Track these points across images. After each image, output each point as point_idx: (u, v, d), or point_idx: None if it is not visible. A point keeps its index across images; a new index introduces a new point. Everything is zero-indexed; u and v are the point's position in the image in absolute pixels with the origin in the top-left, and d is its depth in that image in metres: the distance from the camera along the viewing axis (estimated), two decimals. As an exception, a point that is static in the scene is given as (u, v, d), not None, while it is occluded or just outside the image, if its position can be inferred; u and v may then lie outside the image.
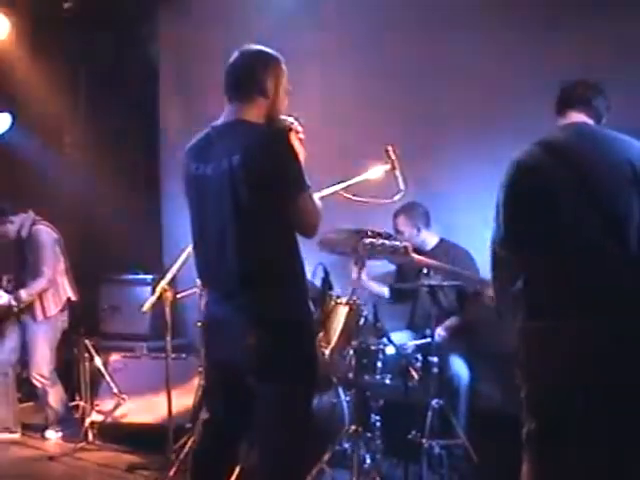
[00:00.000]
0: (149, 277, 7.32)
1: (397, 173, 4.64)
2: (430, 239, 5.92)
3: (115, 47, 7.98)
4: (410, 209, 5.83)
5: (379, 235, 4.27)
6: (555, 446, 3.34)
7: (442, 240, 5.94)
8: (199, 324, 5.16)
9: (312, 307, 3.62)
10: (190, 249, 3.78)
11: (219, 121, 3.59)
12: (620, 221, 3.29)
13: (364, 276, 5.46)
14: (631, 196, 3.32)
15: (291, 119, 3.65)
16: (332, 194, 4.53)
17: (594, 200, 3.31)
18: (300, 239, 3.52)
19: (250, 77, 3.56)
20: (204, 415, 3.69)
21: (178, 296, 5.57)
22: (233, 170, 3.37)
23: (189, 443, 5.38)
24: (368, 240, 4.16)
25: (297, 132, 3.63)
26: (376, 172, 4.64)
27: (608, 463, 3.25)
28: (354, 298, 4.91)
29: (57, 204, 7.35)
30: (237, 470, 4.23)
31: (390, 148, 4.70)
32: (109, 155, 7.76)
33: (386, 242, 4.10)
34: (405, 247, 4.03)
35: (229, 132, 3.50)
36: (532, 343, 3.39)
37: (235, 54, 3.64)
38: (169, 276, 5.32)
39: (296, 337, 3.46)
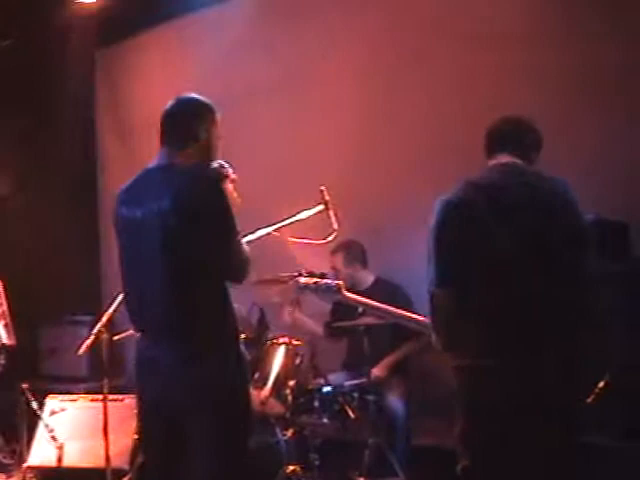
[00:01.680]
0: (87, 318, 7.26)
1: (330, 213, 4.69)
2: (366, 277, 5.96)
3: (50, 87, 7.92)
4: (348, 247, 5.88)
5: (313, 275, 4.29)
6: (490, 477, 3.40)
7: (378, 278, 5.98)
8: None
9: (248, 347, 3.64)
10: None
11: (152, 164, 3.63)
12: (551, 256, 3.37)
13: (298, 314, 5.49)
14: (559, 230, 3.40)
15: (224, 164, 3.70)
16: (266, 235, 4.58)
17: (525, 236, 3.37)
18: None
19: (184, 125, 3.63)
20: (139, 458, 3.67)
21: (115, 338, 5.54)
22: (162, 214, 3.39)
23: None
24: (302, 280, 4.17)
25: (230, 177, 3.68)
26: (309, 213, 4.69)
27: None
28: (290, 338, 4.93)
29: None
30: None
31: (324, 188, 4.75)
32: (46, 196, 7.71)
33: (319, 281, 4.12)
34: (338, 285, 4.05)
35: (161, 176, 3.53)
36: (469, 380, 3.43)
37: (171, 101, 3.70)
38: (105, 318, 5.29)
39: (229, 375, 3.47)
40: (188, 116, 3.65)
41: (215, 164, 3.69)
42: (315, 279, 4.03)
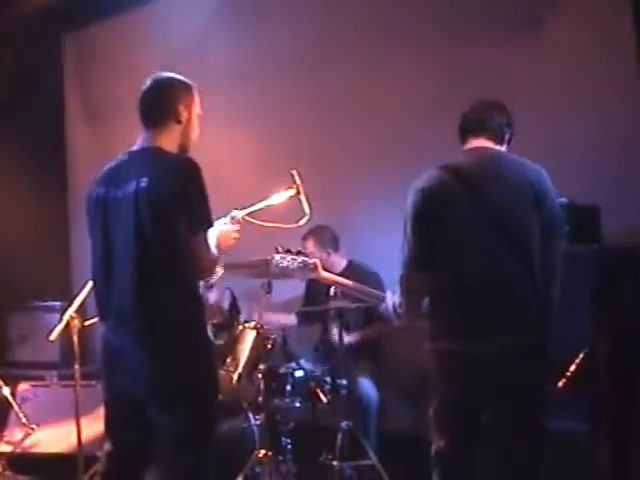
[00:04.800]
0: (58, 303, 7.20)
1: (302, 197, 4.67)
2: (339, 262, 5.97)
3: (17, 74, 7.83)
4: (318, 232, 5.88)
5: (289, 251, 4.29)
6: (462, 460, 3.44)
7: (351, 262, 5.99)
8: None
9: (220, 331, 3.62)
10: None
11: (134, 147, 3.60)
12: (522, 242, 3.40)
13: (266, 315, 5.47)
14: (531, 216, 3.43)
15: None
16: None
17: (496, 221, 3.40)
18: None
19: (163, 104, 3.60)
20: (106, 446, 3.65)
21: (86, 323, 5.51)
22: (138, 194, 3.36)
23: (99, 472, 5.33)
24: (278, 255, 4.17)
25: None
26: (280, 197, 4.67)
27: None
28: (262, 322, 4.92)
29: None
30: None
31: (295, 172, 4.73)
32: (13, 180, 7.63)
33: (296, 258, 4.13)
34: (315, 263, 4.07)
35: (141, 158, 3.52)
36: (441, 361, 3.46)
37: (147, 81, 3.67)
38: (76, 303, 5.26)
39: (194, 364, 3.44)
40: (167, 95, 3.62)
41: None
42: (292, 256, 4.04)
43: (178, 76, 3.70)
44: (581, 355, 4.10)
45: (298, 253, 4.23)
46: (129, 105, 3.72)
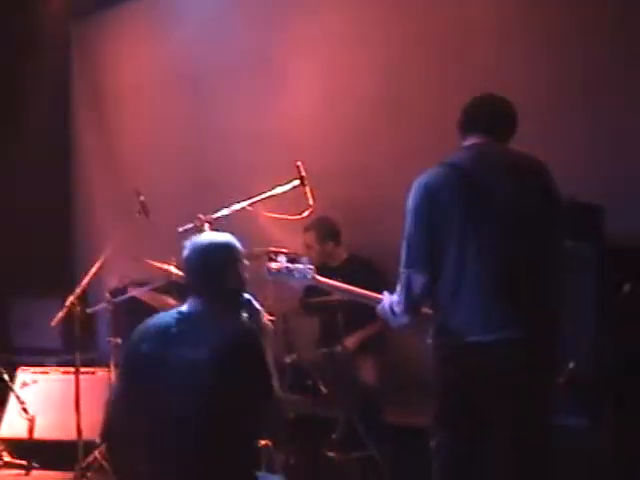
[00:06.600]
0: (60, 290, 7.19)
1: (306, 189, 4.67)
2: (339, 255, 5.95)
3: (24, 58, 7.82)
4: (319, 225, 5.85)
5: (286, 254, 4.15)
6: (462, 454, 3.42)
7: (352, 255, 5.98)
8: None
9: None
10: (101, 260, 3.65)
11: (184, 309, 3.37)
12: (528, 237, 3.40)
13: None
14: (535, 212, 3.43)
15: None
16: (241, 209, 4.58)
17: (501, 217, 3.38)
18: None
19: (213, 277, 3.35)
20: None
21: (88, 310, 5.53)
22: (196, 366, 3.14)
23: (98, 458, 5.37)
24: (273, 265, 4.02)
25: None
26: (285, 188, 4.67)
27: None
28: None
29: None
30: None
31: (300, 164, 4.73)
32: (17, 166, 7.62)
33: (291, 266, 3.97)
34: (311, 271, 3.95)
35: (195, 323, 3.29)
36: (444, 355, 3.45)
37: (192, 248, 3.40)
38: (78, 290, 5.28)
39: None
40: (217, 265, 3.34)
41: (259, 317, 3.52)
42: (287, 264, 3.94)
43: (223, 239, 3.43)
44: (582, 354, 4.10)
45: (294, 260, 4.08)
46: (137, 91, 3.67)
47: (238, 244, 3.41)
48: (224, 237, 3.42)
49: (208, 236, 3.50)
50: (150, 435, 3.24)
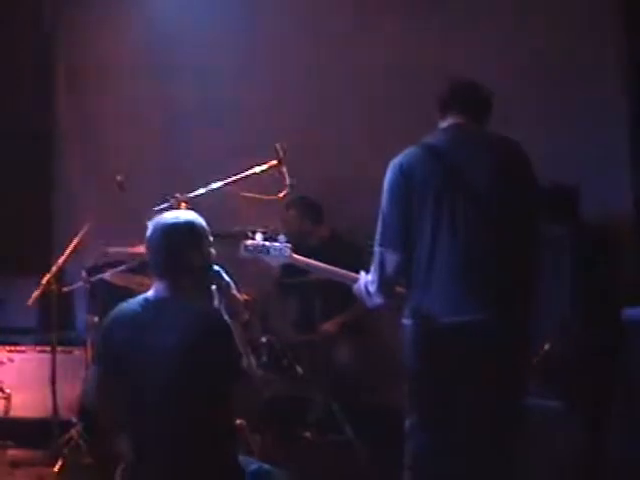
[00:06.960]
0: (36, 269, 7.15)
1: (284, 169, 4.66)
2: (319, 233, 5.95)
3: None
4: (300, 203, 5.85)
5: (261, 232, 4.12)
6: (434, 436, 3.44)
7: (334, 233, 5.98)
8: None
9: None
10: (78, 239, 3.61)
11: (151, 295, 3.34)
12: (501, 219, 3.41)
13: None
14: (510, 193, 3.45)
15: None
16: (219, 189, 4.56)
17: (475, 198, 3.39)
18: None
19: (176, 257, 3.29)
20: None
21: (64, 289, 5.51)
22: (168, 352, 3.14)
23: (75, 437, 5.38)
24: (249, 242, 3.99)
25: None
26: (262, 168, 4.66)
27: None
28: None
29: None
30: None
31: (279, 145, 4.72)
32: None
33: (267, 244, 3.94)
34: (290, 254, 3.92)
35: (162, 309, 3.27)
36: (416, 336, 3.46)
37: (154, 228, 3.35)
38: (54, 268, 5.26)
39: None
40: (180, 246, 3.28)
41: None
42: (263, 242, 3.92)
43: (190, 218, 3.38)
44: (557, 334, 4.12)
45: (271, 238, 4.05)
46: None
47: (202, 221, 3.36)
48: (187, 215, 3.38)
49: (170, 215, 3.39)
50: (128, 418, 3.25)
